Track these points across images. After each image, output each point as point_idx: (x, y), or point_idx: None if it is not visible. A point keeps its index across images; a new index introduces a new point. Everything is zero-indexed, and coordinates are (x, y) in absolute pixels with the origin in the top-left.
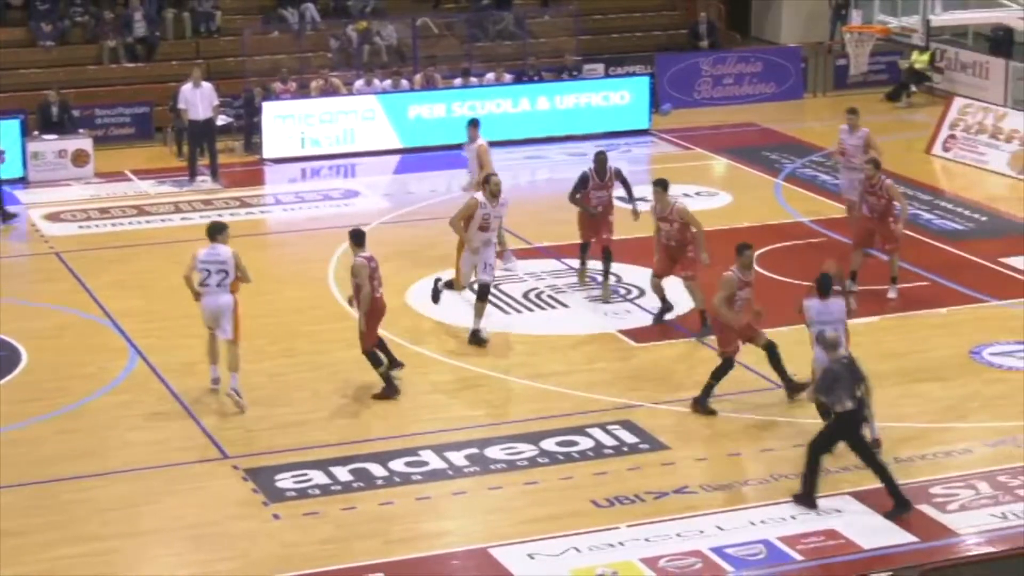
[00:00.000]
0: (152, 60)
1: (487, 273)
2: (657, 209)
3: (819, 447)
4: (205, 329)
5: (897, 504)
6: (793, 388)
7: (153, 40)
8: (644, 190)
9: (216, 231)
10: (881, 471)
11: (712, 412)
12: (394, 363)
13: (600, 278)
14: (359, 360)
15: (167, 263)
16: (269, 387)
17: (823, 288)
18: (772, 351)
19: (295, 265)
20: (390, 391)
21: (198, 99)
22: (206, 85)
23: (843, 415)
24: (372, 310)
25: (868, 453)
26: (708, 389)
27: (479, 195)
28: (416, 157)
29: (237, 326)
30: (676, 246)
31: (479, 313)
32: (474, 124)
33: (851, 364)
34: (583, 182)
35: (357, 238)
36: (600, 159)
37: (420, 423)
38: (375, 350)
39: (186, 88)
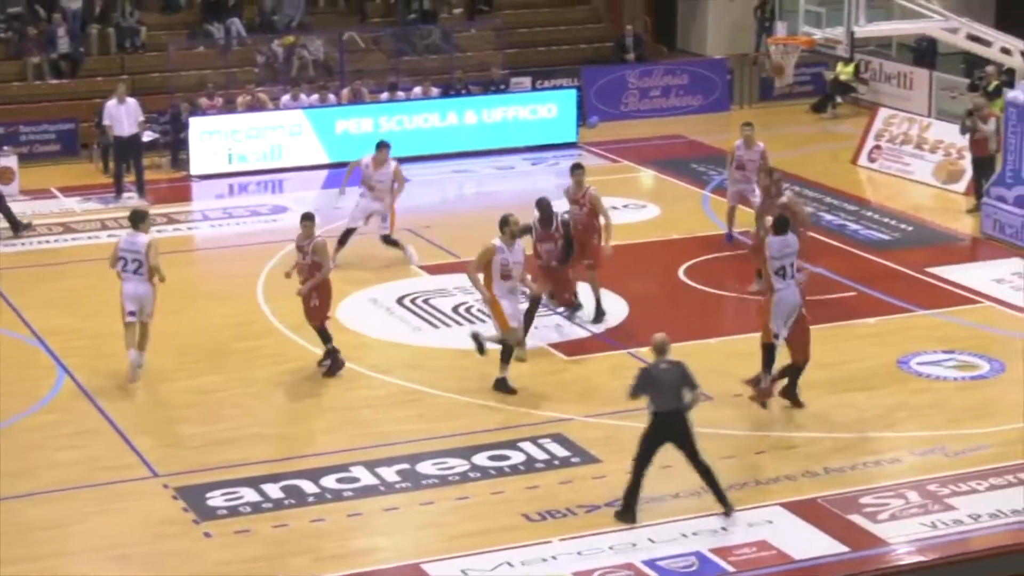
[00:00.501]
0: (77, 76)
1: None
2: (571, 191)
3: (640, 457)
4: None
5: (724, 507)
6: None
7: (77, 56)
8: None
9: (137, 219)
10: (706, 473)
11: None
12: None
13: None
14: (289, 376)
15: (94, 280)
16: (199, 404)
17: (781, 226)
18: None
19: (224, 281)
20: (336, 366)
21: (123, 115)
22: (131, 101)
23: (658, 415)
24: (326, 288)
25: (693, 452)
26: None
27: (496, 240)
28: (344, 172)
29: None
30: (582, 230)
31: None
32: (385, 146)
33: (679, 370)
34: (528, 231)
35: (311, 217)
36: (543, 207)
37: (351, 439)
38: (326, 326)
39: (111, 104)
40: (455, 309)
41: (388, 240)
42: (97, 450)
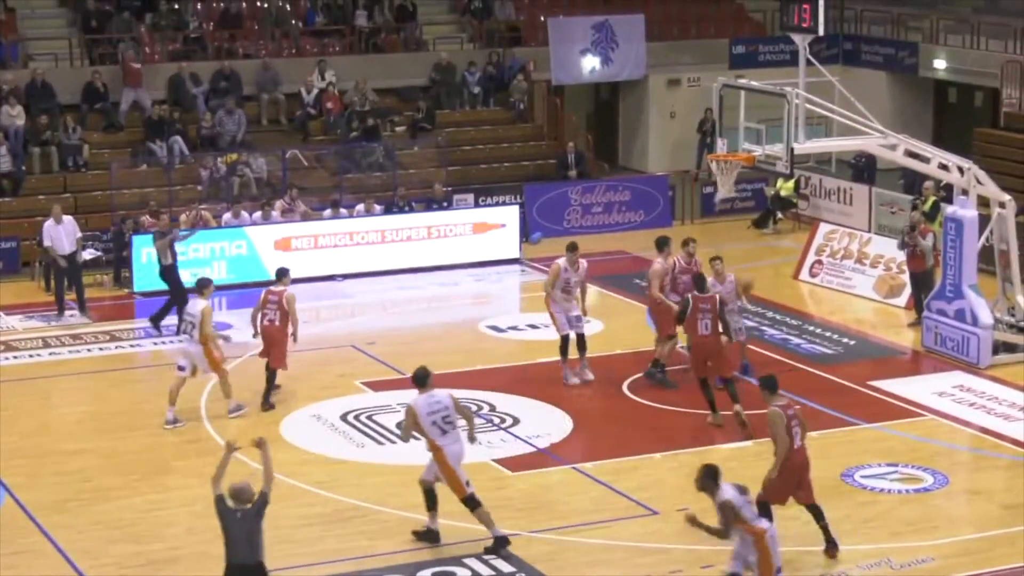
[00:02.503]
0: (18, 195)
1: (578, 326)
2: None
3: None
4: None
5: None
6: None
7: (19, 175)
8: (518, 318)
9: (201, 287)
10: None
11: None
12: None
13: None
14: None
15: (36, 399)
16: (142, 523)
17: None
18: None
19: (165, 399)
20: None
21: (62, 234)
22: (67, 219)
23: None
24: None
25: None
26: None
27: (561, 260)
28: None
29: (216, 365)
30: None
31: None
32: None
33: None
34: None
35: (281, 274)
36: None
37: (294, 556)
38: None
39: (48, 225)
40: (399, 425)
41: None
42: (38, 570)
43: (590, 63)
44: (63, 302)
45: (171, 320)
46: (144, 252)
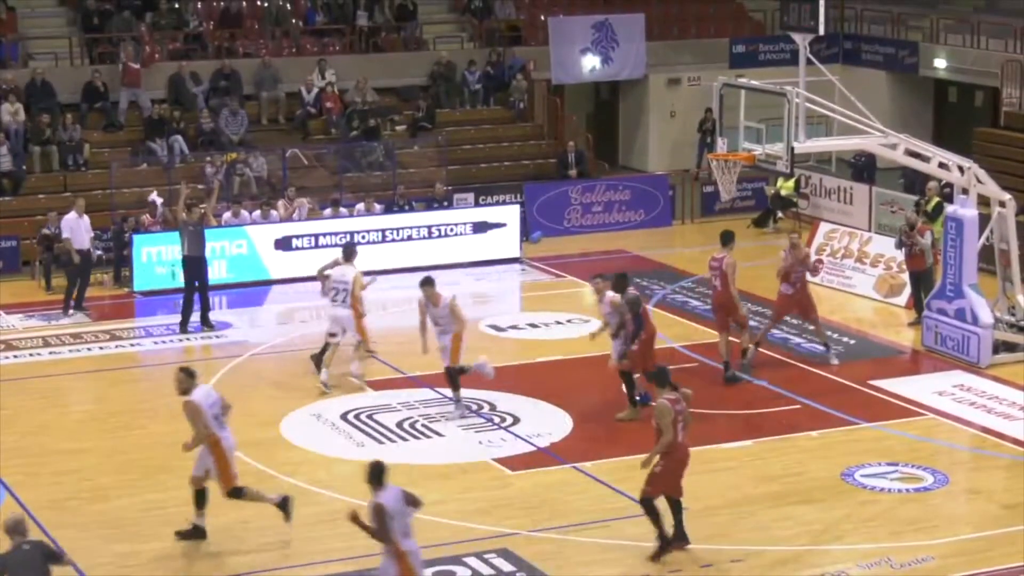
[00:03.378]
0: (18, 194)
1: (444, 358)
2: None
3: None
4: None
5: None
6: None
7: (19, 174)
8: (518, 318)
9: (348, 254)
10: None
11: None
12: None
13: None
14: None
15: (36, 398)
16: (142, 521)
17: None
18: None
19: (166, 398)
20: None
21: (82, 228)
22: (86, 216)
23: None
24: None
25: None
26: None
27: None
28: (286, 288)
29: (361, 331)
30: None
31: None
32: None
33: (40, 550)
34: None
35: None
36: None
37: (294, 556)
38: None
39: (71, 217)
40: (399, 424)
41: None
42: None
43: (590, 62)
44: (71, 299)
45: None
46: (144, 251)
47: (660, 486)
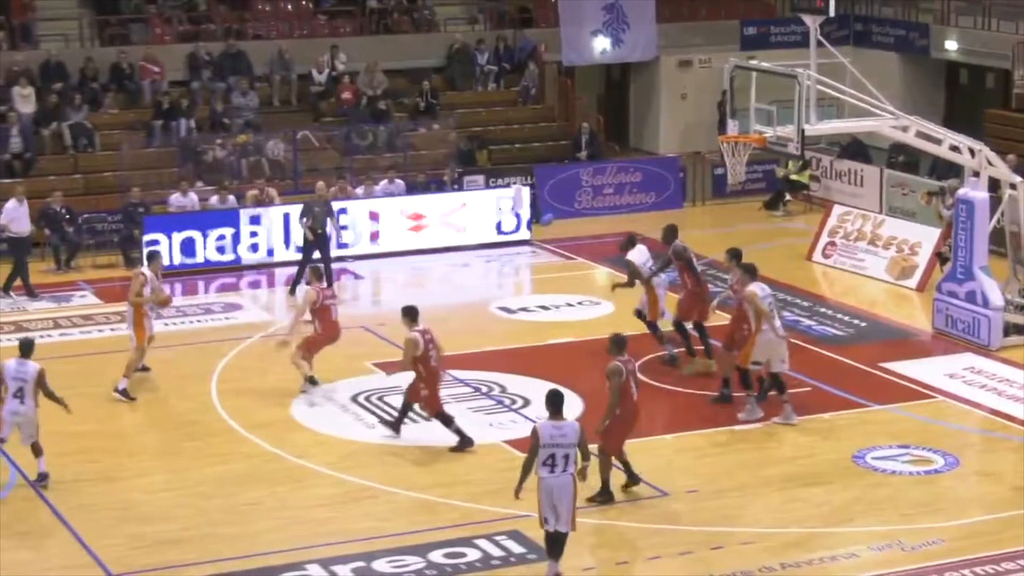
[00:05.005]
0: (29, 175)
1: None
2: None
3: None
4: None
5: None
6: None
7: (30, 156)
8: (528, 300)
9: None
10: None
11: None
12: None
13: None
14: (242, 474)
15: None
16: (151, 503)
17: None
18: None
19: (177, 380)
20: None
21: (23, 214)
22: (25, 201)
23: None
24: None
25: None
26: None
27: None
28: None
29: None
30: None
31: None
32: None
33: None
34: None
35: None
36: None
37: (305, 537)
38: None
39: (10, 206)
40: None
41: None
42: (50, 550)
43: (601, 44)
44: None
45: None
46: (155, 233)
47: (614, 444)
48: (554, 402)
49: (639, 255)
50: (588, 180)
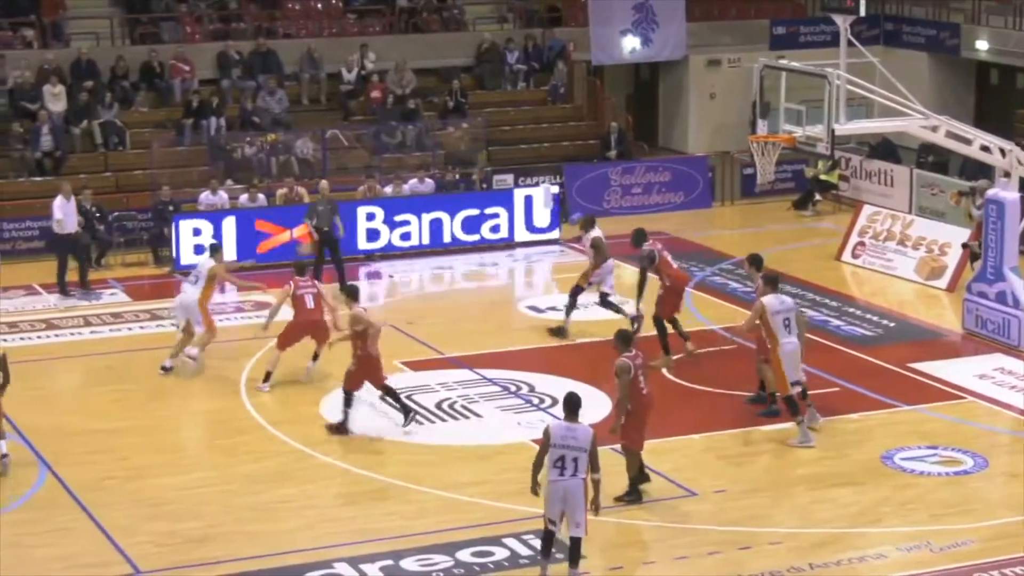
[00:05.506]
0: (60, 173)
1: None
2: None
3: None
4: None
5: None
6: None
7: (61, 154)
8: (557, 299)
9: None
10: None
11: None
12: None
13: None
14: (271, 472)
15: (76, 377)
16: (180, 501)
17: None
18: None
19: (206, 378)
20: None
21: (72, 212)
22: (74, 198)
23: None
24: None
25: None
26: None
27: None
28: (329, 268)
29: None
30: None
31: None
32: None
33: None
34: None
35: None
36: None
37: (333, 535)
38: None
39: (58, 203)
40: (438, 405)
41: None
42: (78, 546)
43: (630, 43)
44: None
45: None
46: (185, 231)
47: (635, 440)
48: (570, 404)
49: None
50: (617, 180)
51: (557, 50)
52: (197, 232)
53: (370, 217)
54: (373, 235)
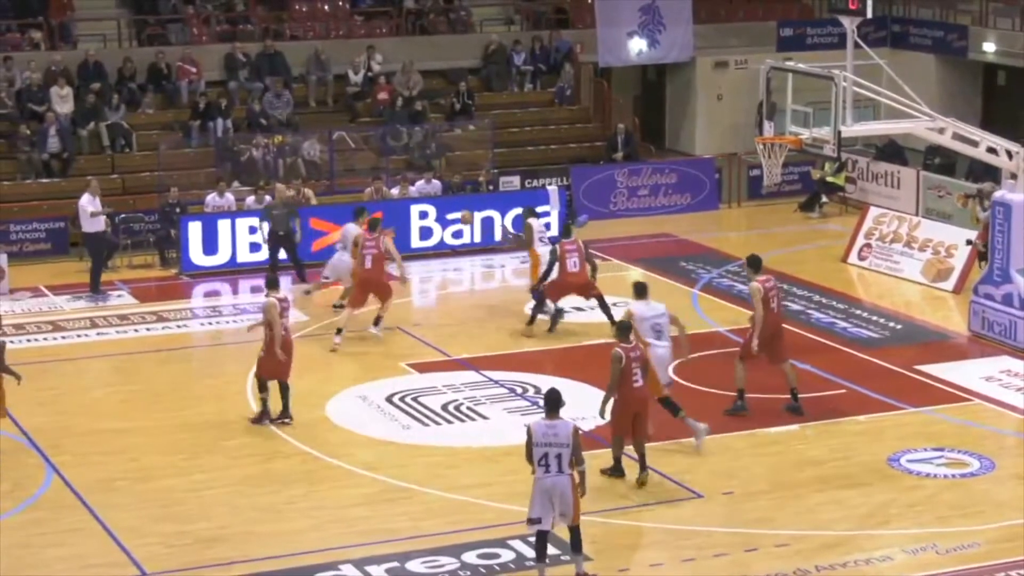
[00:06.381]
0: (67, 175)
1: None
2: None
3: None
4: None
5: None
6: None
7: (69, 156)
8: (563, 301)
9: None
10: None
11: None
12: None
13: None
14: (278, 473)
15: (83, 379)
16: (187, 502)
17: (641, 291)
18: None
19: (212, 380)
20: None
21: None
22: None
23: None
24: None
25: None
26: None
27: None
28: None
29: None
30: None
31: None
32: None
33: None
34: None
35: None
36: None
37: (340, 537)
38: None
39: (84, 200)
40: (444, 407)
41: None
42: (85, 548)
43: (637, 45)
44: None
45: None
46: (192, 233)
47: (620, 427)
48: (551, 402)
49: (538, 224)
50: (623, 181)
51: (564, 52)
52: (210, 232)
53: (423, 215)
54: (426, 233)
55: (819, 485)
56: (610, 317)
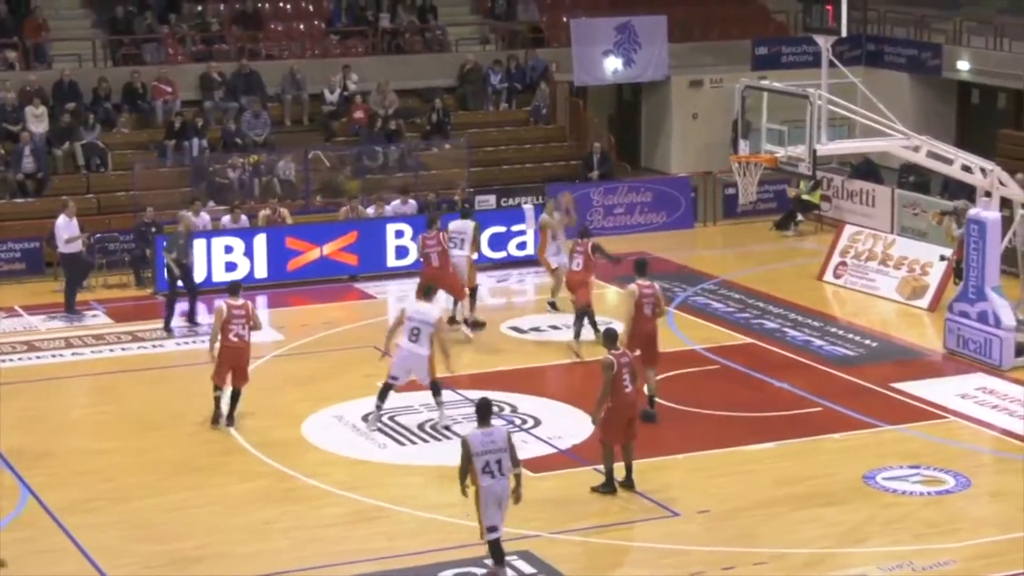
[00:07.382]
0: (42, 195)
1: None
2: None
3: None
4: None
5: None
6: None
7: (43, 176)
8: (540, 320)
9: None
10: None
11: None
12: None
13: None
14: (256, 493)
15: (58, 399)
16: (167, 523)
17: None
18: None
19: (189, 399)
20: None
21: (75, 230)
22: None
23: None
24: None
25: None
26: None
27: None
28: (310, 289)
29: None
30: None
31: None
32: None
33: None
34: None
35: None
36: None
37: (318, 556)
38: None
39: (60, 222)
40: (420, 427)
41: None
42: (61, 569)
43: (612, 64)
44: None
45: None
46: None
47: (611, 435)
48: (482, 411)
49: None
50: (599, 200)
51: (540, 71)
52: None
53: (399, 235)
54: (402, 252)
55: (796, 503)
56: (594, 326)
